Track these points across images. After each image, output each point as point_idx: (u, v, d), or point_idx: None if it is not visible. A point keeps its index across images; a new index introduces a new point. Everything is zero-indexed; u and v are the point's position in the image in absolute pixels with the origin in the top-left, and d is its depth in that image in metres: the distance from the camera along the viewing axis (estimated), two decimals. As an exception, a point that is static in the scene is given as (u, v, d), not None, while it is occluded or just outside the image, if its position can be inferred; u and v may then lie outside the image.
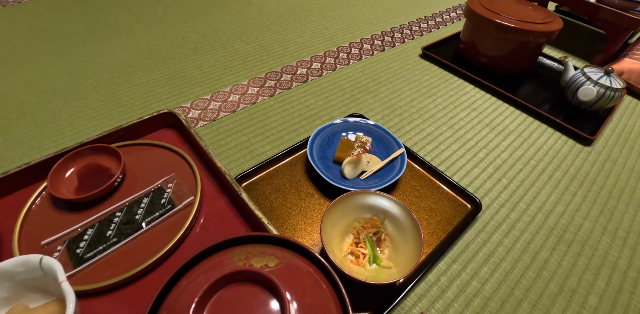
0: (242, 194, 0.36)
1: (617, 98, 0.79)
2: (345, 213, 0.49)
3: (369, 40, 1.00)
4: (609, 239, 0.59)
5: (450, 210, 0.57)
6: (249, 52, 0.90)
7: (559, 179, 0.67)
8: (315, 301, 0.28)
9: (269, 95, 0.77)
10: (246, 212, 0.40)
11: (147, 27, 0.98)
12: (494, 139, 0.74)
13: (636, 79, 0.97)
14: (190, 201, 0.40)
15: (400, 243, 0.48)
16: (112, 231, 0.38)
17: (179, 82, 0.79)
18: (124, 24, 0.99)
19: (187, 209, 0.40)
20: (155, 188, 0.41)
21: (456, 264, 0.52)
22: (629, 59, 1.02)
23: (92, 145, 0.41)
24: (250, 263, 0.29)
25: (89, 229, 0.38)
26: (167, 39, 0.93)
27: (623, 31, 1.03)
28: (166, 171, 0.43)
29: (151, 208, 0.40)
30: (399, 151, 0.61)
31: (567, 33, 1.19)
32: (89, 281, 0.35)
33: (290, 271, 0.30)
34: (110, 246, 0.37)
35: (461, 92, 0.86)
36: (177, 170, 0.44)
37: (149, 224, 0.39)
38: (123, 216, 0.39)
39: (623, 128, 0.83)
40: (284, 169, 0.60)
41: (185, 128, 0.45)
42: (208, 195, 0.42)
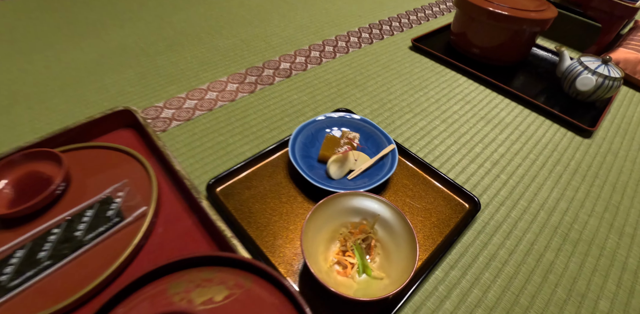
0: (202, 202, 0.31)
1: (616, 87, 0.74)
2: (330, 217, 0.44)
3: (356, 33, 0.95)
4: (616, 237, 0.54)
5: (446, 210, 0.52)
6: (228, 48, 0.85)
7: (560, 174, 0.63)
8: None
9: (249, 92, 0.71)
10: (209, 225, 0.33)
11: (120, 24, 0.92)
12: (490, 133, 0.69)
13: (632, 69, 0.94)
14: (143, 212, 0.34)
15: (393, 249, 0.43)
16: (47, 252, 0.32)
17: (152, 80, 0.73)
18: (97, 21, 0.92)
19: (138, 222, 0.34)
20: (102, 198, 0.35)
21: (455, 271, 0.47)
22: (623, 49, 0.98)
23: (29, 151, 0.35)
24: (190, 297, 0.22)
25: (19, 251, 0.31)
26: (141, 36, 0.87)
27: (617, 20, 1.00)
28: (118, 177, 0.37)
29: (95, 223, 0.33)
30: (389, 147, 0.56)
31: (560, 25, 1.15)
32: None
33: (243, 307, 0.23)
34: (42, 271, 0.31)
35: (454, 84, 0.81)
36: (132, 176, 0.37)
37: (91, 242, 0.32)
38: (61, 233, 0.33)
39: (622, 119, 0.79)
40: (263, 171, 0.54)
41: (142, 126, 0.39)
42: (167, 204, 0.36)
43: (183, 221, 0.33)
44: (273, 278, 0.25)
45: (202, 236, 0.31)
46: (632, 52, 0.96)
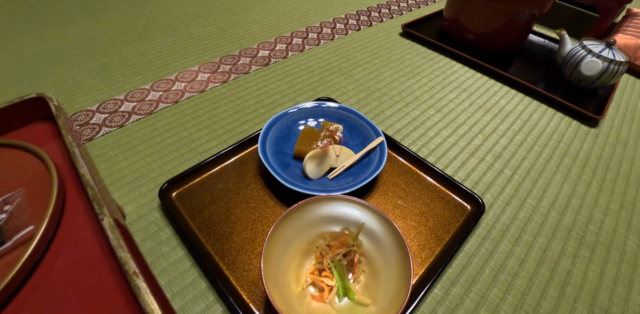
0: (104, 220, 0.20)
1: (621, 73, 0.64)
2: (303, 227, 0.33)
3: (343, 20, 0.84)
4: (636, 238, 0.44)
5: (445, 213, 0.42)
6: (203, 36, 0.73)
7: (569, 167, 0.52)
8: None
9: (221, 81, 0.60)
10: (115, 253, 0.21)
11: (90, 14, 0.80)
12: (490, 122, 0.58)
13: (633, 55, 0.83)
14: (29, 233, 0.23)
15: (381, 266, 0.32)
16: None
17: (115, 71, 0.62)
18: (65, 12, 0.80)
19: (22, 247, 0.23)
20: None
21: (457, 288, 0.36)
22: (622, 35, 0.87)
23: None
24: None
25: None
26: (110, 26, 0.75)
27: (615, 5, 0.89)
28: (15, 185, 0.26)
29: None
30: (377, 140, 0.45)
31: (556, 14, 1.04)
32: None
33: None
34: None
35: (448, 71, 0.70)
36: (32, 183, 0.26)
37: None
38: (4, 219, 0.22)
39: (627, 106, 0.68)
40: (230, 170, 0.43)
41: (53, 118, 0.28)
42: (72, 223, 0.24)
43: (89, 246, 0.22)
44: None
45: (109, 268, 0.21)
46: (632, 37, 0.85)
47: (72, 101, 0.55)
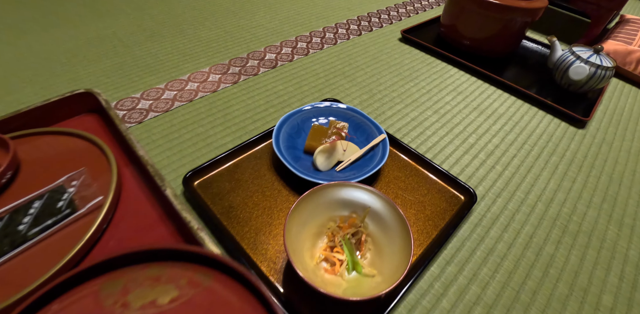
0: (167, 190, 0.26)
1: (608, 77, 0.72)
2: (316, 211, 0.40)
3: (345, 25, 0.92)
4: (616, 228, 0.52)
5: (441, 203, 0.49)
6: (212, 39, 0.80)
7: (557, 164, 0.60)
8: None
9: (232, 82, 0.67)
10: (174, 215, 0.29)
11: (99, 15, 0.87)
12: (484, 123, 0.66)
13: (622, 60, 0.92)
14: (98, 203, 0.29)
15: (385, 244, 0.39)
16: (26, 225, 0.27)
17: (129, 71, 0.68)
18: (74, 13, 0.87)
19: (92, 214, 0.30)
20: (53, 188, 0.30)
21: (451, 267, 0.43)
22: (612, 41, 0.96)
23: None
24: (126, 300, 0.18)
25: None
26: (120, 27, 0.82)
27: (606, 12, 0.98)
28: (75, 165, 0.33)
29: (43, 215, 0.29)
30: (379, 137, 0.52)
31: (549, 20, 1.13)
32: None
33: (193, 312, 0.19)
34: (24, 243, 0.26)
35: (445, 75, 0.78)
36: (91, 164, 0.33)
37: (36, 237, 0.28)
38: (1, 227, 0.28)
39: (614, 109, 0.77)
40: (246, 163, 0.50)
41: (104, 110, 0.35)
42: (130, 195, 0.31)
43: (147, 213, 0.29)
44: (239, 275, 0.21)
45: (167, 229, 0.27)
46: (621, 43, 0.94)
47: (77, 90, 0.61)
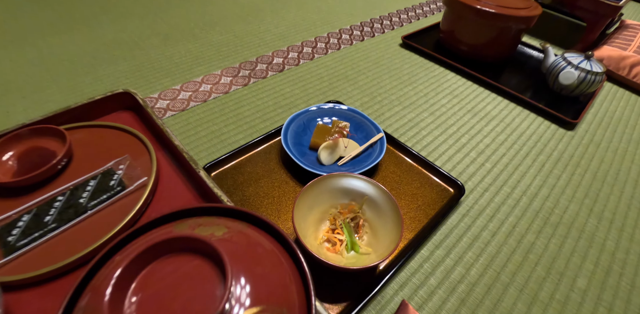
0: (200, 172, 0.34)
1: (598, 82, 0.79)
2: (320, 198, 0.47)
3: (348, 31, 0.99)
4: (595, 221, 0.58)
5: (432, 195, 0.56)
6: (222, 43, 0.88)
7: (543, 162, 0.67)
8: (271, 278, 0.25)
9: (242, 85, 0.74)
10: (206, 192, 0.37)
11: (114, 19, 0.95)
12: (477, 124, 0.73)
13: (615, 65, 0.99)
14: (143, 182, 0.37)
15: (380, 228, 0.46)
16: (52, 217, 0.35)
17: (146, 72, 0.76)
18: (90, 16, 0.95)
19: (139, 191, 0.37)
20: (104, 170, 0.38)
21: (440, 250, 0.50)
22: (607, 46, 1.03)
23: (34, 126, 0.38)
24: (193, 232, 0.25)
25: (25, 215, 0.34)
26: (135, 31, 0.90)
27: (601, 18, 1.05)
28: (119, 153, 0.40)
29: (98, 191, 0.36)
30: (377, 136, 0.60)
31: (547, 24, 1.20)
32: (21, 271, 0.32)
33: (241, 242, 0.26)
34: (48, 233, 0.34)
35: (442, 79, 0.85)
36: (132, 151, 0.41)
37: (95, 208, 0.35)
38: (65, 200, 0.36)
39: (605, 112, 0.83)
40: (257, 157, 0.57)
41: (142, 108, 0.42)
42: (165, 176, 0.39)
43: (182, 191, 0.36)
44: (268, 225, 0.28)
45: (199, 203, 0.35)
46: (616, 49, 1.01)
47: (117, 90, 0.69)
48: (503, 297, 0.46)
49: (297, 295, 0.25)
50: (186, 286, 0.23)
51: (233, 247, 0.25)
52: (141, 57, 0.81)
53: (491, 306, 0.45)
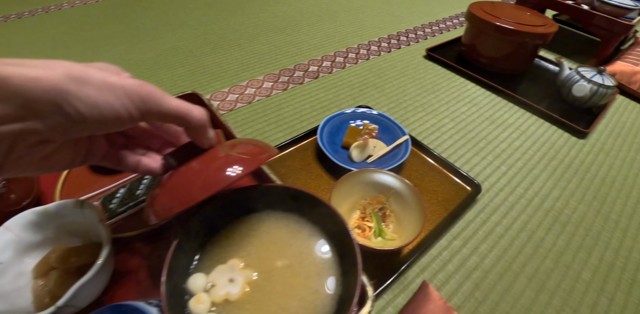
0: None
1: (610, 95, 0.79)
2: (352, 190, 0.50)
3: (376, 43, 1.02)
4: (602, 221, 0.59)
5: (451, 192, 0.58)
6: (264, 52, 0.93)
7: (555, 167, 0.68)
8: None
9: (282, 89, 0.79)
10: (262, 178, 0.42)
11: (171, 29, 1.01)
12: (494, 131, 0.74)
13: (627, 80, 0.98)
14: None
15: (404, 218, 0.49)
16: (142, 191, 0.40)
17: (200, 77, 0.82)
18: (151, 27, 1.02)
19: None
20: None
21: (457, 241, 0.52)
22: (620, 62, 1.02)
23: None
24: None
25: (121, 189, 0.40)
26: (189, 40, 0.96)
27: (615, 36, 1.04)
28: None
29: (152, 185, 0.42)
30: (403, 137, 0.62)
31: (563, 39, 1.19)
32: (120, 231, 0.37)
33: None
34: (139, 203, 0.39)
35: (462, 89, 0.87)
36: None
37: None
38: (151, 178, 0.41)
39: (616, 124, 0.83)
40: (295, 153, 0.61)
41: (207, 107, 0.47)
42: None
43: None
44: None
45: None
46: (628, 65, 1.00)
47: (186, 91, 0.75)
48: (514, 284, 0.48)
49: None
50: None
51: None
52: (195, 63, 0.87)
53: (502, 291, 0.47)
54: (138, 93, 0.22)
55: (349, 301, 0.24)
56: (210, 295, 0.25)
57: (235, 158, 0.25)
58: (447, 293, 0.46)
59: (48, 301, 0.27)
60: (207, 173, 0.24)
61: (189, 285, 0.26)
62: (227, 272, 0.27)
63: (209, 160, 0.25)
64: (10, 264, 0.28)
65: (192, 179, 0.24)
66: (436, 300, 0.41)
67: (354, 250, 0.27)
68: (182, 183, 0.24)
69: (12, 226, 0.29)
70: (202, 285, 0.26)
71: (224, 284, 0.26)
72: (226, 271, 0.27)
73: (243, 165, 0.24)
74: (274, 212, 0.32)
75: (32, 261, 0.30)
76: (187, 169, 0.25)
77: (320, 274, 0.28)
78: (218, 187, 0.24)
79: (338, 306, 0.26)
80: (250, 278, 0.27)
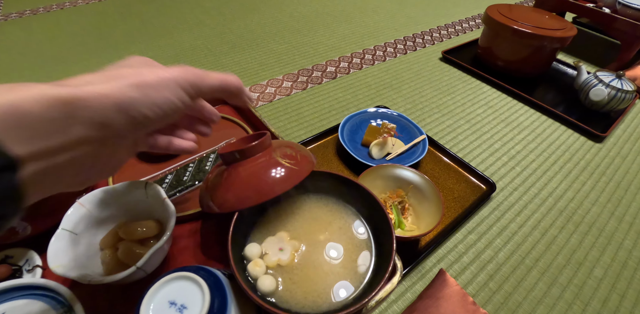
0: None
1: (629, 100, 0.85)
2: (374, 184, 0.57)
3: (392, 44, 1.10)
4: (616, 223, 0.64)
5: (466, 190, 0.64)
6: (282, 52, 1.00)
7: (570, 170, 0.74)
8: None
9: (301, 89, 0.86)
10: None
11: (189, 28, 1.10)
12: (509, 133, 0.81)
13: (648, 85, 1.03)
14: None
15: (422, 212, 0.55)
16: (188, 177, 0.47)
17: (220, 75, 0.89)
18: (169, 26, 1.11)
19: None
20: (220, 147, 0.51)
21: (472, 235, 0.59)
22: (642, 67, 1.08)
23: None
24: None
25: (169, 175, 0.47)
26: (207, 39, 1.04)
27: (636, 40, 1.10)
28: (227, 136, 0.53)
29: (197, 173, 0.48)
30: (420, 137, 0.69)
31: (583, 42, 1.26)
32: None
33: None
34: (186, 188, 0.46)
35: (478, 91, 0.93)
36: (236, 136, 0.53)
37: (194, 185, 0.47)
38: (195, 166, 0.48)
39: (635, 128, 0.89)
40: (316, 150, 0.68)
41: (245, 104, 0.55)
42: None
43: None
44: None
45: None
46: (649, 70, 1.06)
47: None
48: (527, 277, 0.54)
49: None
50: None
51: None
52: (214, 62, 0.94)
53: (515, 283, 0.53)
54: (186, 79, 0.24)
55: (383, 270, 0.31)
56: (265, 261, 0.32)
57: (289, 168, 0.32)
58: (463, 283, 0.52)
59: (117, 268, 0.34)
60: (265, 181, 0.32)
61: (247, 252, 0.32)
62: (276, 242, 0.33)
63: (266, 167, 0.32)
64: (83, 235, 0.35)
65: (254, 183, 0.32)
66: (452, 286, 0.48)
67: (389, 227, 0.33)
68: (244, 186, 0.32)
69: (85, 202, 0.36)
70: (257, 252, 0.32)
71: (275, 252, 0.32)
72: (276, 241, 0.33)
73: (294, 175, 0.32)
74: (315, 194, 0.39)
75: (100, 234, 0.37)
76: (248, 174, 0.32)
77: (357, 247, 0.34)
78: (274, 195, 0.31)
79: (373, 275, 0.32)
80: (297, 248, 0.33)
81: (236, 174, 0.33)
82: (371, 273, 0.33)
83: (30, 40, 1.03)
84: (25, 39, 1.03)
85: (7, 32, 1.07)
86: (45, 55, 0.96)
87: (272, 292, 0.31)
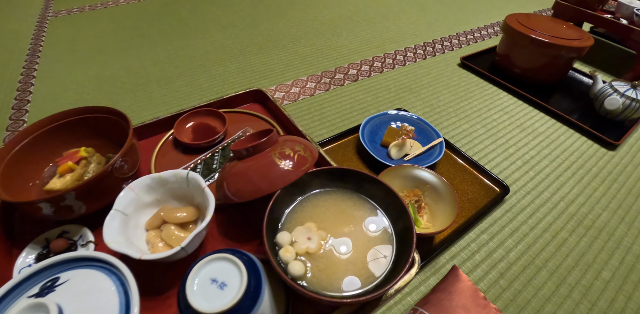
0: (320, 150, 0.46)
1: (644, 110, 0.84)
2: (392, 183, 0.58)
3: (412, 49, 1.10)
4: (625, 228, 0.64)
5: (481, 192, 0.65)
6: (306, 54, 1.02)
7: (582, 175, 0.73)
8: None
9: (324, 90, 0.87)
10: (320, 163, 0.49)
11: (221, 29, 1.12)
12: (524, 138, 0.80)
13: (665, 96, 1.01)
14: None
15: (437, 211, 0.56)
16: (216, 165, 0.49)
17: (248, 74, 0.91)
18: (202, 26, 1.13)
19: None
20: (237, 136, 0.53)
21: (484, 235, 0.59)
22: (658, 78, 1.06)
23: (205, 108, 0.54)
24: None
25: (199, 165, 0.49)
26: (237, 40, 1.07)
27: (652, 51, 1.08)
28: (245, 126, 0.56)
29: (224, 160, 0.51)
30: (438, 139, 0.70)
31: (600, 52, 1.23)
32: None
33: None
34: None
35: (495, 97, 0.93)
36: (259, 126, 0.55)
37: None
38: (221, 155, 0.50)
39: (648, 138, 0.87)
40: (337, 148, 0.70)
41: (271, 102, 0.56)
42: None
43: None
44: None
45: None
46: (666, 81, 1.03)
47: (222, 92, 0.84)
48: (536, 276, 0.54)
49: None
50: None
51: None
52: (243, 61, 0.96)
53: (525, 282, 0.53)
54: None
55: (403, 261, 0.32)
56: (294, 248, 0.33)
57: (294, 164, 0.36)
58: (474, 279, 0.53)
59: (161, 247, 0.36)
60: (273, 174, 0.36)
61: (278, 239, 0.34)
62: (305, 232, 0.35)
63: (269, 165, 0.36)
64: (131, 216, 0.37)
65: (265, 174, 0.36)
66: (465, 281, 0.48)
67: (410, 221, 0.35)
68: (256, 178, 0.36)
69: (134, 187, 0.38)
70: (287, 240, 0.34)
71: (303, 240, 0.34)
72: (304, 231, 0.35)
73: (291, 174, 0.36)
74: (340, 189, 0.40)
75: (145, 217, 0.39)
76: (256, 168, 0.36)
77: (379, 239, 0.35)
78: (282, 185, 0.35)
79: (393, 265, 0.33)
80: (324, 237, 0.35)
81: (249, 168, 0.36)
82: (392, 264, 0.34)
83: (77, 34, 1.07)
84: (72, 33, 1.07)
85: (57, 27, 1.11)
86: (90, 48, 1.00)
87: (302, 276, 0.32)
